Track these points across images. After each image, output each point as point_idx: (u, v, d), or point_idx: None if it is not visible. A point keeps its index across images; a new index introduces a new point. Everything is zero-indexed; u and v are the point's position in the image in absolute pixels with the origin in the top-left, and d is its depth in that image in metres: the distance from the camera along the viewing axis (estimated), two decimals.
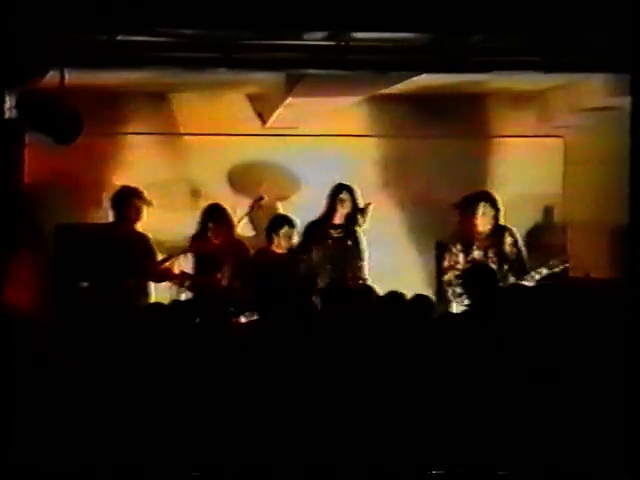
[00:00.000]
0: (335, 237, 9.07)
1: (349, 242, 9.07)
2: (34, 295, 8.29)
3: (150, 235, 8.88)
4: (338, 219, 9.09)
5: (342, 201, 9.05)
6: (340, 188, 9.09)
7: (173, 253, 8.91)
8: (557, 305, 6.72)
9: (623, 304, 6.66)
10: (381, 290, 6.92)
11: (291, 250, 8.95)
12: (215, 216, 8.95)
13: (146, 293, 8.86)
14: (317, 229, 9.10)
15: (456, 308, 8.63)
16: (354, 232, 9.10)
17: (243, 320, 7.73)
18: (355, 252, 9.06)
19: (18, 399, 5.64)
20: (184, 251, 8.93)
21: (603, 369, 6.06)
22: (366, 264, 9.04)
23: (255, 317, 7.30)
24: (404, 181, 9.83)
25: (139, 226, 8.90)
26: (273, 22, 6.98)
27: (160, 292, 8.92)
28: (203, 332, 6.16)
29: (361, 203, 9.10)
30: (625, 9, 6.85)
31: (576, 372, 6.03)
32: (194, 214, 9.16)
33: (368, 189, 9.34)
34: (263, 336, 6.27)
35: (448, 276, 8.91)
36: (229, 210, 9.04)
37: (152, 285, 8.93)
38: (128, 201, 8.85)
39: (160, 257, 8.91)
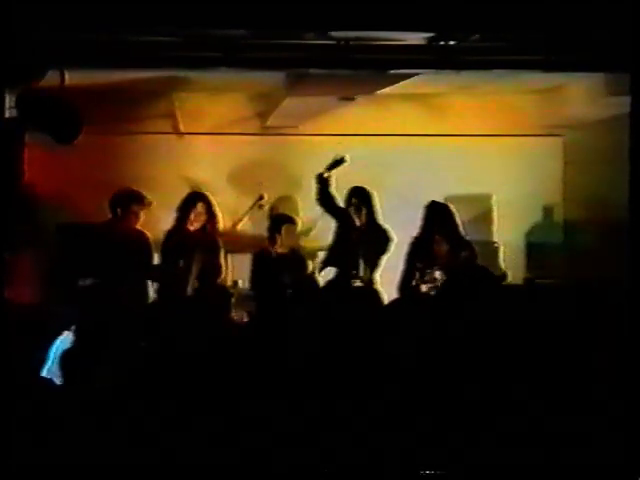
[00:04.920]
0: (359, 239, 8.84)
1: (374, 240, 8.85)
2: (34, 294, 8.31)
3: (149, 234, 8.86)
4: (357, 222, 8.87)
5: (354, 205, 8.87)
6: (350, 193, 8.94)
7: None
8: (557, 305, 6.73)
9: (623, 304, 6.68)
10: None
11: (294, 249, 8.94)
12: (198, 205, 8.79)
13: (145, 291, 8.86)
14: (342, 234, 8.94)
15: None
16: (376, 230, 8.92)
17: None
18: (377, 248, 8.86)
19: (18, 399, 5.65)
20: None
21: (602, 369, 6.06)
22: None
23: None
24: (402, 180, 9.81)
25: (137, 225, 8.87)
26: (273, 22, 6.99)
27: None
28: (203, 331, 6.17)
29: (376, 202, 8.90)
30: (625, 8, 6.85)
31: (575, 372, 6.04)
32: None
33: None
34: (263, 334, 6.29)
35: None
36: (212, 199, 8.89)
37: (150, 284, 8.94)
38: (127, 205, 8.79)
39: (156, 256, 8.88)
